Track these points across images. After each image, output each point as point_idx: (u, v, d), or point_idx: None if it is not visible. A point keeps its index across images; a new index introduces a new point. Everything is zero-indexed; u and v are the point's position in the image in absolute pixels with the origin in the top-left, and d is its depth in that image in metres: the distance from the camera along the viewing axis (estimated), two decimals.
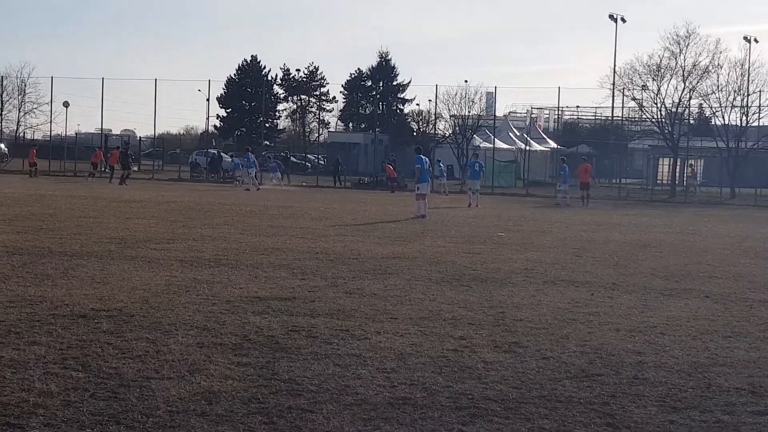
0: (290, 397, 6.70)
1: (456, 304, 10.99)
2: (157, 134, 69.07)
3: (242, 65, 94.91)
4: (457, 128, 65.13)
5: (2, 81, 73.82)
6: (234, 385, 6.93)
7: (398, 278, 13.04)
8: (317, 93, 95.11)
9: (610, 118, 68.30)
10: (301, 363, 7.71)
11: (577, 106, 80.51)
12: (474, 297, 11.58)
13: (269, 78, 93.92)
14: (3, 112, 75.07)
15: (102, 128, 71.43)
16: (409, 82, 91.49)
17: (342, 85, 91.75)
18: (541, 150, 67.50)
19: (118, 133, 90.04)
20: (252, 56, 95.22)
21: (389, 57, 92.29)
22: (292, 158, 65.19)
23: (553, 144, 68.99)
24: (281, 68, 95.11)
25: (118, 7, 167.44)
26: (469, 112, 66.06)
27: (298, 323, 9.35)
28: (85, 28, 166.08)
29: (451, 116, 67.45)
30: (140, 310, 9.74)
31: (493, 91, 63.79)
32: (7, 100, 75.27)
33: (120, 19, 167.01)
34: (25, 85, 74.46)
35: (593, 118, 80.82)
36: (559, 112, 76.92)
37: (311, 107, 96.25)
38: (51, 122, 67.84)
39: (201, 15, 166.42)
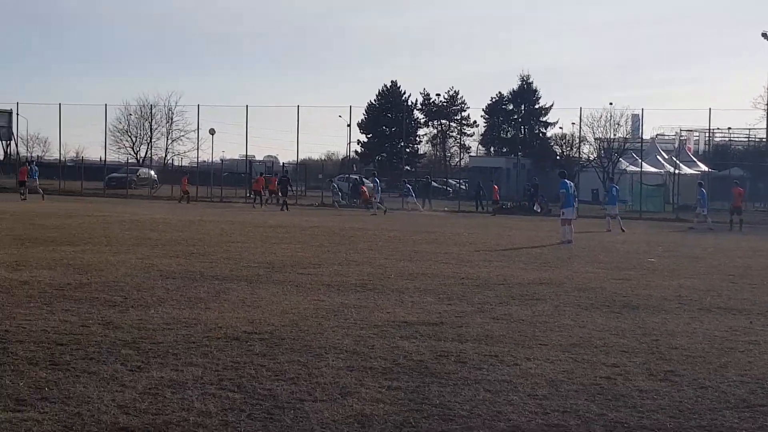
0: (442, 422, 6.70)
1: (607, 330, 10.80)
2: (299, 160, 69.99)
3: (383, 90, 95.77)
4: (602, 152, 64.13)
5: (152, 109, 76.29)
6: (386, 408, 6.97)
7: (546, 304, 12.91)
8: (458, 117, 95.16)
9: (764, 139, 66.16)
10: (452, 388, 7.70)
11: (729, 128, 78.27)
12: (626, 324, 11.36)
13: (409, 103, 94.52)
14: (152, 140, 77.48)
15: (246, 154, 72.93)
16: (552, 105, 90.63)
17: (483, 109, 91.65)
18: (690, 173, 65.79)
19: (262, 159, 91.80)
20: (392, 81, 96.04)
21: (531, 80, 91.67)
22: (434, 183, 65.26)
23: (703, 167, 67.13)
24: (421, 93, 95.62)
25: (262, 38, 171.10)
26: (614, 135, 64.95)
27: (447, 348, 9.34)
28: (230, 58, 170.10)
29: (595, 139, 66.46)
30: (291, 333, 9.88)
31: (640, 113, 62.69)
32: (156, 128, 77.72)
33: (264, 50, 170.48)
34: (173, 114, 76.76)
35: (746, 139, 78.52)
36: (710, 134, 74.84)
37: (452, 131, 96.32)
38: (198, 149, 69.65)
39: (342, 43, 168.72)
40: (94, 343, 8.92)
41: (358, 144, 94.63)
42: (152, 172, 70.52)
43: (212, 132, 67.88)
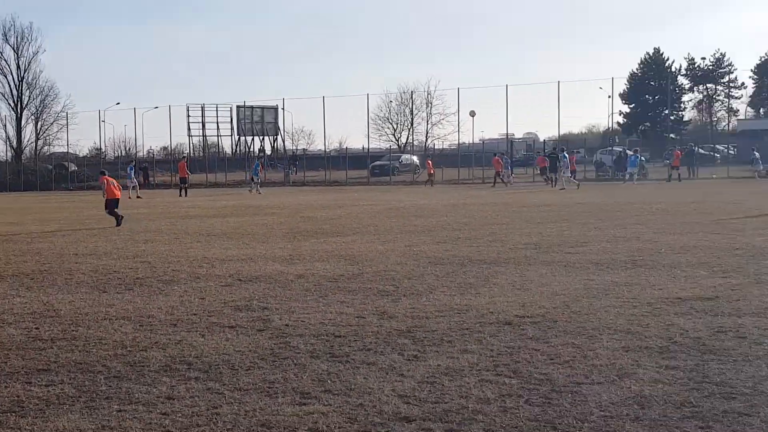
0: (724, 400, 6.51)
1: None
2: (560, 135, 69.47)
3: (645, 59, 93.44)
4: None
5: (412, 95, 77.61)
6: (665, 389, 6.83)
7: None
8: (725, 80, 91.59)
9: None
10: (732, 365, 7.48)
11: None
12: None
13: (673, 69, 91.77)
14: (413, 125, 78.83)
15: (507, 133, 73.06)
16: None
17: (751, 70, 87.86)
18: None
19: (521, 137, 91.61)
20: (654, 49, 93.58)
21: None
22: (700, 150, 63.04)
23: None
24: (685, 58, 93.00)
25: (517, 14, 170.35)
26: None
27: (724, 324, 9.06)
28: (487, 38, 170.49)
29: None
30: (562, 315, 9.85)
31: None
32: (416, 114, 79.03)
33: (520, 27, 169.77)
34: (433, 98, 77.77)
35: None
36: None
37: (718, 95, 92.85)
38: (458, 132, 70.36)
39: (600, 13, 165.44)
40: (371, 333, 9.20)
41: (620, 115, 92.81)
42: (414, 158, 71.78)
43: (472, 114, 68.48)
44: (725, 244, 16.08)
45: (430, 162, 56.59)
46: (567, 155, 47.67)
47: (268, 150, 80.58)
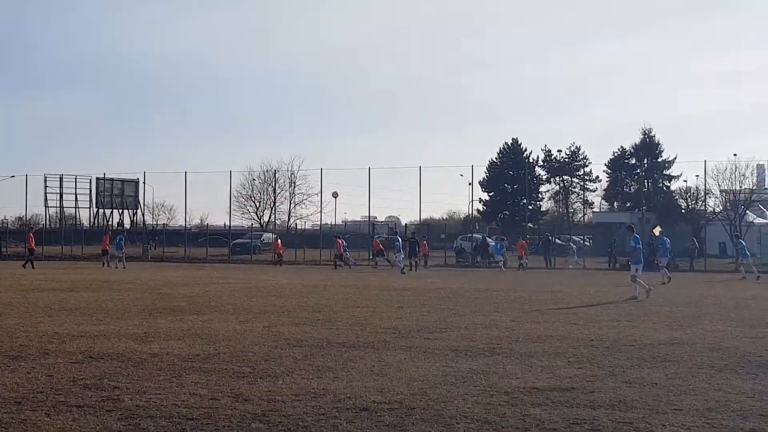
0: None
1: (744, 393, 10.43)
2: (421, 219, 70.28)
3: (504, 148, 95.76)
4: (728, 204, 62.78)
5: (275, 174, 77.61)
6: None
7: (679, 366, 12.55)
8: (580, 173, 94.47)
9: None
10: None
11: None
12: (763, 386, 10.95)
13: (531, 160, 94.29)
14: (276, 204, 78.71)
15: (369, 216, 73.54)
16: (675, 158, 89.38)
17: (605, 164, 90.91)
18: None
19: (383, 220, 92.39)
20: (513, 139, 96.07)
21: (653, 133, 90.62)
22: (557, 240, 64.49)
23: None
24: (542, 149, 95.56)
25: (385, 98, 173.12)
26: (740, 186, 63.56)
27: (580, 415, 9.13)
28: (352, 120, 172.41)
29: (721, 191, 65.14)
30: (420, 402, 9.78)
31: (765, 164, 61.26)
32: (279, 193, 78.99)
33: (386, 110, 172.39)
34: (296, 178, 77.92)
35: None
36: None
37: (574, 187, 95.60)
38: (321, 212, 70.52)
39: (461, 103, 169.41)
40: (225, 416, 8.96)
41: (480, 202, 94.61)
42: (276, 237, 71.58)
43: (335, 195, 68.72)
44: (581, 335, 16.34)
45: (279, 241, 56.53)
46: (400, 239, 48.52)
47: (127, 224, 79.27)
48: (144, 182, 75.37)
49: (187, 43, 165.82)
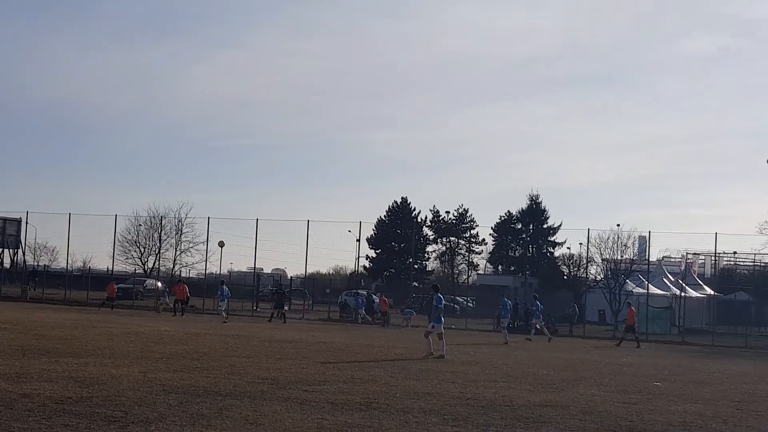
0: None
1: None
2: (307, 274, 70.05)
3: (392, 207, 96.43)
4: (609, 272, 64.13)
5: (161, 221, 76.60)
6: None
7: (551, 427, 12.76)
8: (467, 235, 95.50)
9: None
10: None
11: (735, 252, 78.33)
12: None
13: (419, 220, 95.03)
14: (161, 251, 77.59)
15: (255, 267, 73.01)
16: (560, 225, 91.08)
17: (492, 228, 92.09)
18: (697, 296, 65.83)
19: (269, 272, 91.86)
20: (402, 198, 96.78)
21: (540, 200, 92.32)
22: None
23: (709, 290, 67.20)
24: (431, 210, 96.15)
25: (273, 151, 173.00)
26: (621, 256, 65.01)
27: None
28: (241, 171, 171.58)
29: (603, 260, 66.49)
30: None
31: (647, 235, 62.81)
32: (165, 239, 77.81)
33: (275, 164, 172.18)
34: (183, 225, 76.97)
35: (752, 264, 78.72)
36: (716, 258, 75.00)
37: (460, 249, 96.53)
38: (206, 261, 69.69)
39: (351, 159, 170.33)
40: None
41: (366, 259, 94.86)
42: (159, 283, 70.54)
43: (221, 244, 67.96)
44: (458, 393, 16.48)
45: (184, 287, 55.68)
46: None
47: (7, 263, 77.25)
48: (26, 221, 73.71)
49: (76, 83, 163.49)
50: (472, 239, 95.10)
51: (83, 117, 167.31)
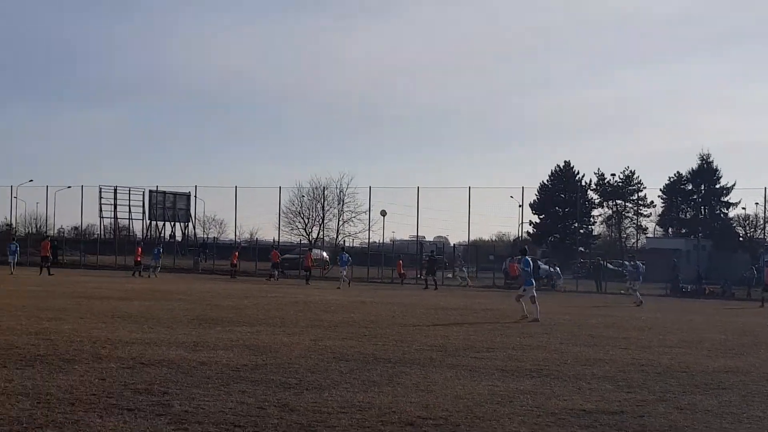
0: None
1: None
2: (470, 240, 69.96)
3: (555, 171, 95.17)
4: None
5: (324, 191, 77.65)
6: None
7: (733, 394, 12.32)
8: (634, 197, 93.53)
9: None
10: None
11: None
12: None
13: (583, 183, 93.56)
14: (324, 221, 78.68)
15: (417, 235, 73.34)
16: (734, 185, 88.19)
17: (660, 189, 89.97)
18: None
19: (432, 239, 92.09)
20: (565, 162, 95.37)
21: (710, 159, 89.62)
22: (609, 265, 63.78)
23: None
24: (595, 173, 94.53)
25: (434, 119, 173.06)
26: None
27: None
28: (402, 139, 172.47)
29: None
30: (465, 419, 9.68)
31: None
32: (328, 210, 78.89)
33: (436, 131, 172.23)
34: (345, 195, 77.83)
35: None
36: None
37: (628, 212, 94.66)
38: (369, 230, 70.32)
39: (514, 123, 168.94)
40: (271, 426, 8.94)
41: (530, 225, 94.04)
42: (324, 254, 71.57)
43: (383, 213, 68.44)
44: (632, 360, 16.12)
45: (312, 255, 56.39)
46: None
47: (179, 236, 79.83)
48: (195, 196, 75.89)
49: (239, 59, 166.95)
50: (639, 202, 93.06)
51: (247, 91, 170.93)
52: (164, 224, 79.57)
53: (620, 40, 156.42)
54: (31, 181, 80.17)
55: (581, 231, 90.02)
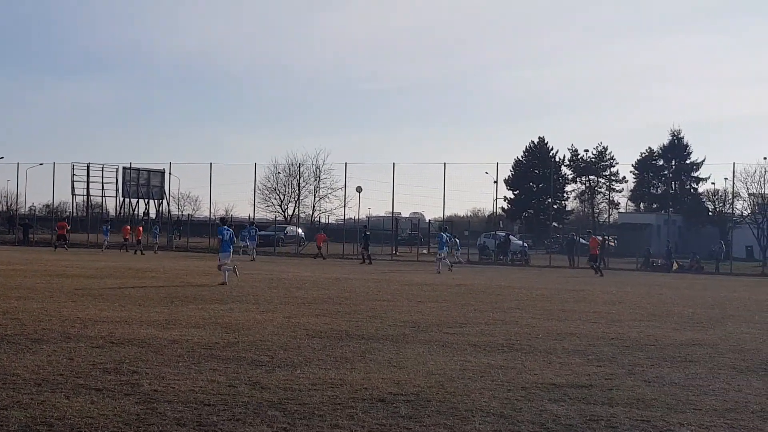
0: None
1: (765, 395, 10.36)
2: (445, 216, 70.17)
3: (530, 147, 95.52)
4: (756, 207, 62.35)
5: (300, 168, 77.61)
6: None
7: (700, 366, 12.47)
8: (606, 173, 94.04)
9: None
10: None
11: None
12: None
13: (557, 159, 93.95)
14: (300, 198, 78.69)
15: (393, 212, 73.47)
16: (703, 161, 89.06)
17: (632, 165, 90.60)
18: None
19: (407, 215, 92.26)
20: (539, 138, 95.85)
21: (681, 135, 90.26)
22: (581, 240, 64.20)
23: None
24: (569, 149, 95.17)
25: (409, 95, 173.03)
26: None
27: (597, 412, 9.08)
28: (377, 116, 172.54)
29: (749, 195, 64.67)
30: (436, 395, 9.76)
31: None
32: (304, 186, 78.92)
33: (411, 107, 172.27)
34: (321, 172, 77.81)
35: None
36: None
37: (600, 187, 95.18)
38: (345, 207, 70.35)
39: (488, 100, 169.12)
40: (241, 403, 8.98)
41: (504, 200, 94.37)
42: (299, 230, 71.58)
43: (359, 190, 68.54)
44: (602, 333, 16.27)
45: (322, 235, 56.64)
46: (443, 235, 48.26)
47: (153, 214, 79.62)
48: (170, 173, 75.64)
49: (213, 34, 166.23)
50: (612, 177, 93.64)
51: (220, 67, 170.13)
52: (138, 201, 79.30)
53: (593, 18, 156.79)
54: (2, 158, 79.76)
55: (555, 206, 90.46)
